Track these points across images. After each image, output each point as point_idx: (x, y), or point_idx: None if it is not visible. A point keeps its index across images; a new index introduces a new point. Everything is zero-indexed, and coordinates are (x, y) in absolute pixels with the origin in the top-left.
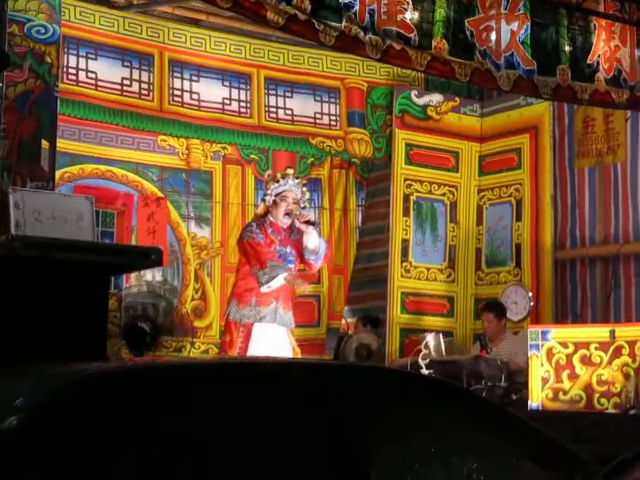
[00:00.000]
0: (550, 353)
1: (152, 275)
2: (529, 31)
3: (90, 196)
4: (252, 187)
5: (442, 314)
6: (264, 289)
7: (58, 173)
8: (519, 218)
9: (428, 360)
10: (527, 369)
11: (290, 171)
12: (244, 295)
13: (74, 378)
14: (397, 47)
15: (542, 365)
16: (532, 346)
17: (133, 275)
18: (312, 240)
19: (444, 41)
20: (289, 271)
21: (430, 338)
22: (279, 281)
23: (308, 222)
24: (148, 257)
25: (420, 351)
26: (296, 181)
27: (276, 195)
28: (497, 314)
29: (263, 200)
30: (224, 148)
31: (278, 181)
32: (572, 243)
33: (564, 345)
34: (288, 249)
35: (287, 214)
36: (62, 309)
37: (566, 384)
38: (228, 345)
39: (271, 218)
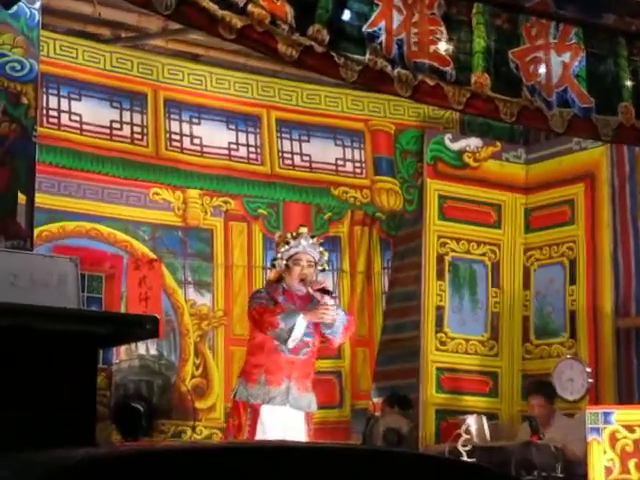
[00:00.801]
0: (614, 438)
1: (146, 348)
2: (584, 63)
3: (74, 257)
4: (260, 247)
5: (484, 393)
6: (290, 344)
7: (35, 231)
8: (573, 281)
9: (470, 446)
10: (586, 457)
11: (303, 230)
12: (252, 372)
13: (58, 467)
14: (430, 83)
15: (605, 452)
16: (592, 430)
17: (124, 348)
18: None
19: (485, 75)
20: (305, 311)
21: (471, 421)
22: (301, 325)
23: (323, 290)
24: (142, 327)
25: (460, 436)
26: (310, 241)
27: (288, 259)
28: (548, 398)
29: (273, 265)
30: (226, 202)
31: (288, 242)
32: (637, 309)
33: (630, 429)
34: None
35: (302, 280)
36: (43, 387)
37: (634, 475)
38: (235, 429)
39: (284, 285)
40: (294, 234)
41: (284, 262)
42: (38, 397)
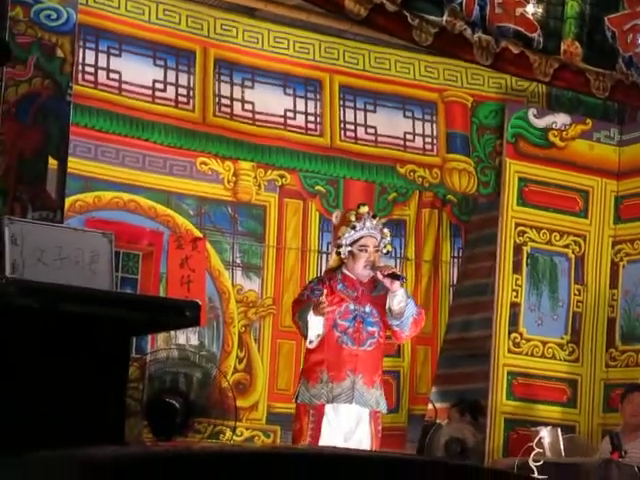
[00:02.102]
0: None
1: (186, 337)
2: None
3: (109, 232)
4: (316, 228)
5: (561, 402)
6: (307, 344)
7: (68, 201)
8: None
9: (542, 461)
10: None
11: (364, 209)
12: (313, 370)
13: (79, 469)
14: (514, 50)
15: None
16: None
17: (161, 337)
18: (397, 300)
19: (577, 44)
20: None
21: (545, 433)
22: (313, 322)
23: (393, 275)
24: (181, 314)
25: (532, 449)
26: (374, 221)
27: (352, 244)
28: None
29: (338, 253)
30: (282, 176)
31: (354, 227)
32: None
33: None
34: (367, 308)
35: (367, 266)
36: (69, 376)
37: None
38: (297, 434)
39: (345, 270)
40: (356, 213)
41: (348, 249)
42: (63, 387)
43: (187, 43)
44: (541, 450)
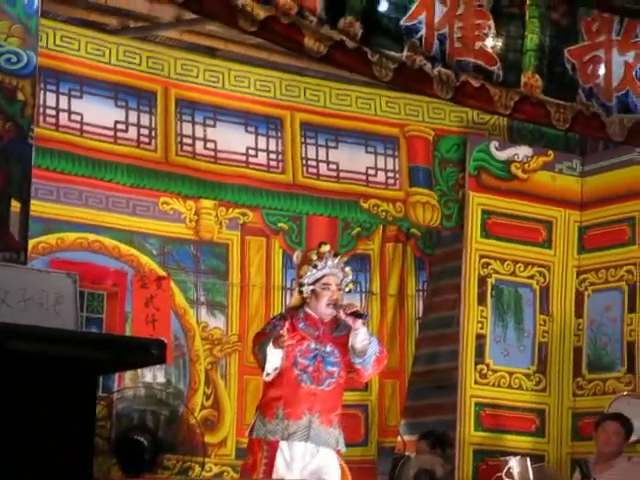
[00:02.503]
0: None
1: (152, 375)
2: None
3: (73, 273)
4: (279, 265)
5: (530, 432)
6: (264, 377)
7: (31, 243)
8: (632, 309)
9: None
10: None
11: (326, 247)
12: (270, 406)
13: None
14: (475, 84)
15: None
16: None
17: (128, 375)
18: (360, 338)
19: (537, 76)
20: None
21: (514, 463)
22: (272, 354)
23: (356, 314)
24: (148, 352)
25: (501, 479)
26: (336, 260)
27: (314, 282)
28: (625, 427)
29: (300, 292)
30: (244, 214)
31: (315, 266)
32: None
33: None
34: (329, 348)
35: (330, 304)
36: (35, 417)
37: None
38: (250, 468)
39: (307, 309)
40: (317, 252)
41: (310, 287)
42: (30, 428)
43: (148, 84)
44: None
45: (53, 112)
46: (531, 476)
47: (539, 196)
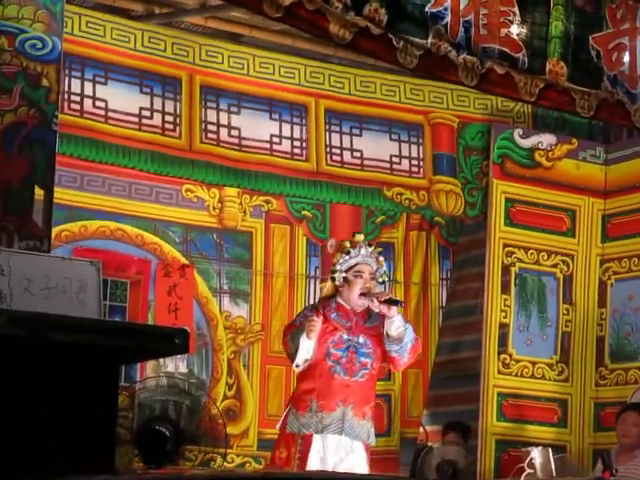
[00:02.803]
0: None
1: (175, 365)
2: None
3: (96, 261)
4: (303, 252)
5: (552, 423)
6: (294, 368)
7: (54, 231)
8: None
9: None
10: None
11: (360, 237)
12: (303, 399)
13: None
14: (500, 71)
15: None
16: None
17: (150, 365)
18: (395, 325)
19: (562, 63)
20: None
21: (536, 453)
22: (304, 346)
23: (391, 301)
24: (171, 341)
25: (523, 470)
26: (370, 249)
27: (347, 270)
28: None
29: (332, 279)
30: (268, 202)
31: (348, 252)
32: None
33: None
34: (361, 339)
35: (363, 294)
36: (57, 405)
37: None
38: (283, 462)
39: (339, 299)
40: (351, 241)
41: (342, 275)
42: (52, 417)
43: (173, 70)
44: (532, 471)
45: (77, 98)
46: (553, 467)
47: (563, 184)
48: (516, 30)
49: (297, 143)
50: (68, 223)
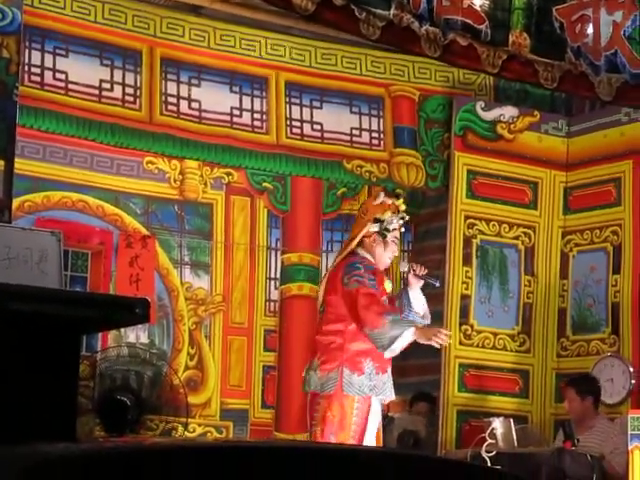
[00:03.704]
0: None
1: (136, 335)
2: (638, 23)
3: (57, 231)
4: (264, 224)
5: (513, 393)
6: (387, 354)
7: (16, 201)
8: (617, 270)
9: (494, 452)
10: (627, 468)
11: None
12: (357, 361)
13: (31, 464)
14: (462, 42)
15: None
16: (633, 437)
17: (111, 335)
18: (422, 301)
19: (525, 35)
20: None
21: (497, 424)
22: (407, 340)
23: (427, 278)
24: (131, 311)
25: (484, 440)
26: (399, 215)
27: (392, 230)
28: (579, 390)
29: (383, 235)
30: (228, 174)
31: (399, 214)
32: None
33: None
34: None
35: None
36: (18, 375)
37: None
38: (337, 427)
39: (364, 254)
40: (400, 204)
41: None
42: (13, 386)
43: (133, 42)
44: (494, 441)
45: (38, 70)
46: (514, 437)
47: (525, 156)
48: (479, 1)
49: (257, 116)
50: (31, 194)
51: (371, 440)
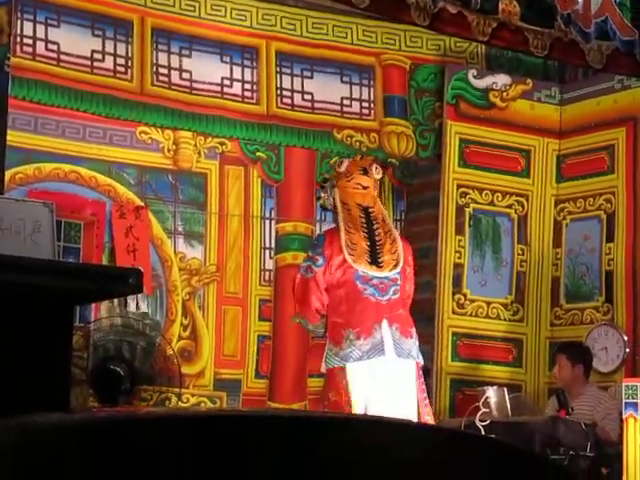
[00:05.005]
0: None
1: (127, 304)
2: None
3: (50, 202)
4: (258, 194)
5: (507, 362)
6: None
7: (8, 174)
8: (611, 238)
9: (488, 421)
10: (621, 436)
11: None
12: (337, 332)
13: (21, 434)
14: (452, 10)
15: None
16: (628, 405)
17: (104, 305)
18: None
19: (514, 2)
20: None
21: (491, 393)
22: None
23: None
24: (125, 281)
25: (478, 409)
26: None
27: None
28: (570, 356)
29: (332, 184)
30: (222, 144)
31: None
32: None
33: None
34: None
35: None
36: (11, 346)
37: None
38: (333, 405)
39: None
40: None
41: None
42: (7, 357)
43: (125, 13)
44: (487, 410)
45: (30, 41)
46: (508, 406)
47: (517, 125)
48: None
49: (248, 86)
50: (23, 165)
51: (379, 408)
